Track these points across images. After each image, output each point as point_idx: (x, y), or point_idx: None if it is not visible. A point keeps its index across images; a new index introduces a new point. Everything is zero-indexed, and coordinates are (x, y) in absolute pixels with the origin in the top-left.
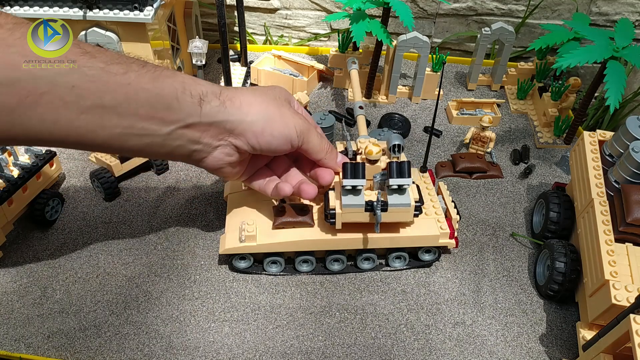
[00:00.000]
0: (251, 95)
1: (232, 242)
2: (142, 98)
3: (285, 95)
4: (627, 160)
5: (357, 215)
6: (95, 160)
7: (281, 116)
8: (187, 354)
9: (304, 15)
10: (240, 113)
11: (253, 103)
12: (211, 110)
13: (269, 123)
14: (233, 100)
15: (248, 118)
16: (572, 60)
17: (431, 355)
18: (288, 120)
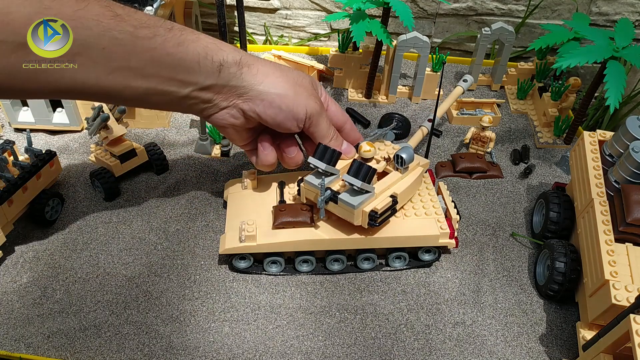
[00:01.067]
0: (270, 68)
1: (232, 242)
2: (166, 62)
3: (309, 81)
4: (627, 160)
5: (314, 195)
6: (95, 160)
7: (295, 94)
8: (187, 354)
9: (304, 15)
10: (254, 80)
11: (270, 74)
12: (228, 75)
13: (280, 96)
14: (250, 67)
15: (260, 87)
16: (572, 60)
17: (431, 355)
18: (300, 99)
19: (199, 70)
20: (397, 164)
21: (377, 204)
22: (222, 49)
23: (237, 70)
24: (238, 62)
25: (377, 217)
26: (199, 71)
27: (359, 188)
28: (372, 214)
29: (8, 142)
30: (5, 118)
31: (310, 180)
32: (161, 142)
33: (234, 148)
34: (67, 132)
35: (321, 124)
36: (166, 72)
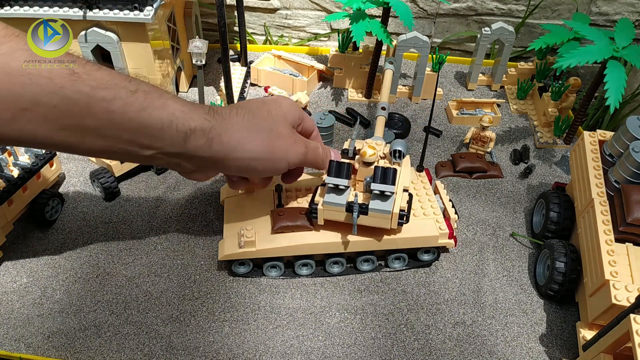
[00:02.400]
0: (243, 130)
1: (231, 248)
2: (126, 125)
3: (286, 122)
4: (627, 160)
5: (338, 214)
6: (95, 160)
7: (272, 152)
8: (187, 354)
9: (304, 15)
10: (225, 150)
11: (242, 139)
12: (196, 146)
13: (256, 160)
14: (221, 136)
15: (233, 154)
16: (572, 60)
17: (431, 355)
18: (280, 154)
19: (162, 138)
20: (396, 157)
21: (400, 202)
22: (190, 117)
23: (205, 142)
24: (207, 132)
25: (405, 214)
26: (162, 138)
27: (391, 192)
28: (401, 214)
29: None
30: None
31: (330, 200)
32: None
33: None
34: None
35: (309, 161)
36: (126, 135)
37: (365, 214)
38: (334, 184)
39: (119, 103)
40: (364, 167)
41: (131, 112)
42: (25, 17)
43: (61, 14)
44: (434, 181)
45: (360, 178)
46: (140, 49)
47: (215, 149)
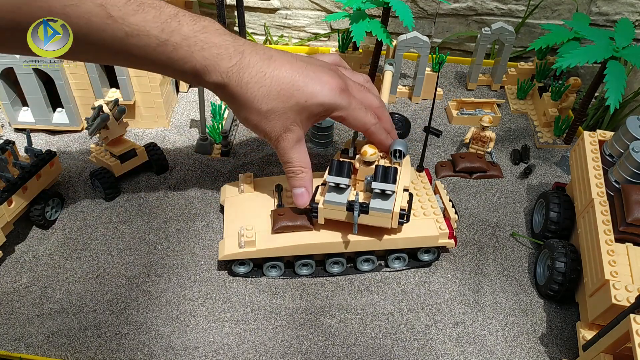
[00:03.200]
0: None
1: (231, 248)
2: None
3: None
4: (627, 160)
5: (338, 213)
6: (95, 160)
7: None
8: (187, 354)
9: (304, 15)
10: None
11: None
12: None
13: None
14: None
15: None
16: (572, 60)
17: (431, 355)
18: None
19: (183, 78)
20: (396, 157)
21: (401, 201)
22: (208, 72)
23: (214, 89)
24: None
25: (406, 214)
26: (182, 78)
27: (392, 191)
28: (402, 213)
29: (8, 142)
30: (5, 118)
31: (331, 199)
32: (161, 142)
33: (234, 148)
34: (67, 132)
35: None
36: (149, 69)
37: (366, 212)
38: (335, 183)
39: (147, 50)
40: (364, 166)
41: (157, 59)
42: None
43: None
44: (434, 181)
45: (361, 177)
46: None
47: (220, 97)
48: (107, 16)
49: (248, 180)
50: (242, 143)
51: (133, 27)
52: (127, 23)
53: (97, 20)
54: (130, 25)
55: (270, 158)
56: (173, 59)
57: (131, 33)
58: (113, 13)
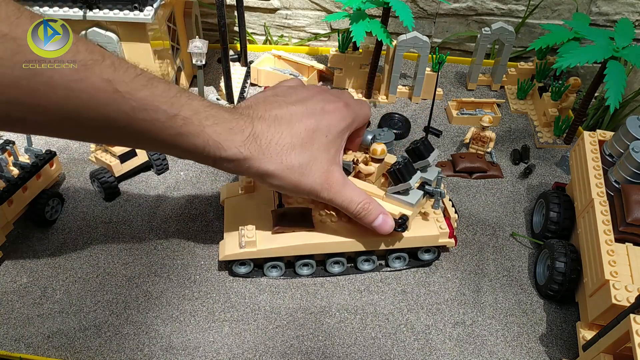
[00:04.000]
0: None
1: (231, 248)
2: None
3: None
4: (627, 160)
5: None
6: (95, 160)
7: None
8: (187, 354)
9: (304, 15)
10: (253, 175)
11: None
12: (224, 167)
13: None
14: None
15: (259, 180)
16: (572, 60)
17: (431, 355)
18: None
19: (194, 157)
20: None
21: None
22: (224, 147)
23: (234, 167)
24: (238, 161)
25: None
26: (193, 156)
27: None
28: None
29: (8, 142)
30: None
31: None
32: None
33: None
34: None
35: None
36: (159, 147)
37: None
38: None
39: (156, 125)
40: (375, 163)
41: (166, 135)
42: None
43: (61, 14)
44: None
45: (377, 175)
46: (140, 49)
47: (244, 173)
48: (114, 91)
49: (248, 180)
50: None
51: (140, 101)
52: (135, 98)
53: (103, 96)
54: (137, 100)
55: None
56: (183, 134)
57: (138, 108)
58: (120, 88)
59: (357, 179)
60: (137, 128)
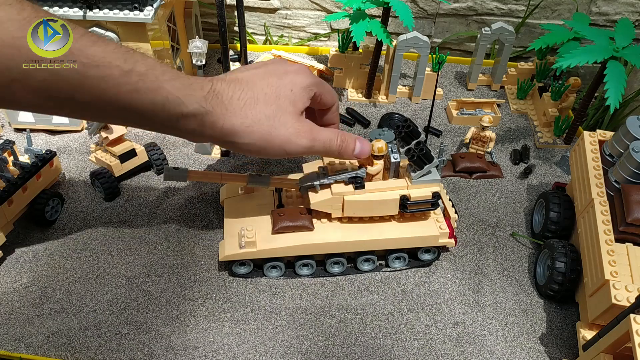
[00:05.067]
0: (241, 119)
1: (231, 249)
2: (115, 105)
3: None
4: (627, 160)
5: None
6: (95, 160)
7: (268, 143)
8: (187, 354)
9: (304, 15)
10: (219, 136)
11: (238, 129)
12: (188, 129)
13: (251, 148)
14: (215, 124)
15: (227, 139)
16: (572, 60)
17: (431, 355)
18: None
19: (153, 119)
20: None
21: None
22: (185, 102)
23: (197, 126)
24: (201, 117)
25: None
26: (153, 119)
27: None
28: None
29: (8, 142)
30: (5, 118)
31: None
32: (161, 142)
33: None
34: (67, 132)
35: (319, 152)
36: (116, 113)
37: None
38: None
39: (110, 82)
40: (378, 161)
41: (122, 92)
42: None
43: (61, 14)
44: None
45: (379, 177)
46: (140, 49)
47: (208, 133)
48: None
49: None
50: None
51: (91, 57)
52: (85, 54)
53: None
54: (88, 57)
55: (270, 158)
56: (140, 90)
57: (89, 64)
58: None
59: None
60: (90, 87)
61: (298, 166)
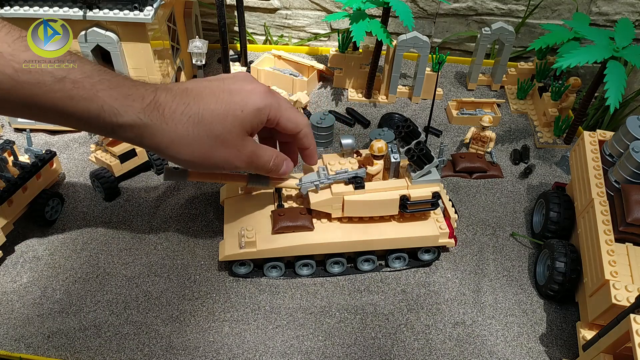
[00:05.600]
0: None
1: (231, 249)
2: (51, 110)
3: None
4: (627, 160)
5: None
6: (95, 160)
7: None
8: (187, 354)
9: (304, 15)
10: (156, 148)
11: (175, 145)
12: (125, 137)
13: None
14: (154, 137)
15: (164, 153)
16: (572, 60)
17: (431, 355)
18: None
19: (89, 125)
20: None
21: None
22: (121, 112)
23: (134, 136)
24: (138, 129)
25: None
26: (89, 125)
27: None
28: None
29: (8, 142)
30: (5, 118)
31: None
32: None
33: None
34: (67, 132)
35: (251, 169)
36: (53, 117)
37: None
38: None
39: (43, 89)
40: (377, 161)
41: (56, 99)
42: (25, 17)
43: (61, 14)
44: None
45: (379, 177)
46: (140, 49)
47: (145, 144)
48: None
49: None
50: None
51: (23, 63)
52: (17, 60)
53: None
54: (20, 62)
55: None
56: (74, 98)
57: (22, 70)
58: (1, 49)
59: (367, 182)
60: (22, 92)
61: (298, 166)
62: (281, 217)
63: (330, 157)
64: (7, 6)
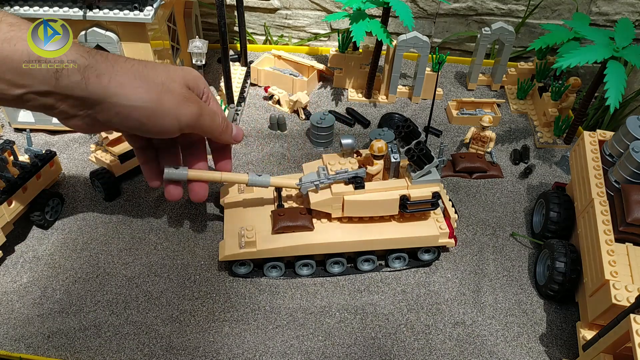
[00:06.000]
0: (127, 76)
1: (231, 249)
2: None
3: (180, 82)
4: (627, 160)
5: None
6: (95, 160)
7: (159, 105)
8: (187, 354)
9: (304, 15)
10: (104, 93)
11: (125, 85)
12: (69, 84)
13: (138, 109)
14: (100, 78)
15: (113, 99)
16: (572, 60)
17: (431, 355)
18: (168, 110)
19: (30, 73)
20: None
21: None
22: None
23: (80, 79)
24: (83, 70)
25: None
26: (29, 74)
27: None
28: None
29: (8, 142)
30: (5, 118)
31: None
32: None
33: (234, 147)
34: (67, 132)
35: (205, 125)
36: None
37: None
38: (426, 172)
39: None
40: (377, 161)
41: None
42: (25, 17)
43: (61, 14)
44: None
45: (379, 177)
46: (140, 49)
47: (91, 90)
48: None
49: None
50: (242, 143)
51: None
52: None
53: None
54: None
55: (270, 158)
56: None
57: None
58: None
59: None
60: None
61: (298, 166)
62: (281, 217)
63: (330, 157)
64: (7, 6)
